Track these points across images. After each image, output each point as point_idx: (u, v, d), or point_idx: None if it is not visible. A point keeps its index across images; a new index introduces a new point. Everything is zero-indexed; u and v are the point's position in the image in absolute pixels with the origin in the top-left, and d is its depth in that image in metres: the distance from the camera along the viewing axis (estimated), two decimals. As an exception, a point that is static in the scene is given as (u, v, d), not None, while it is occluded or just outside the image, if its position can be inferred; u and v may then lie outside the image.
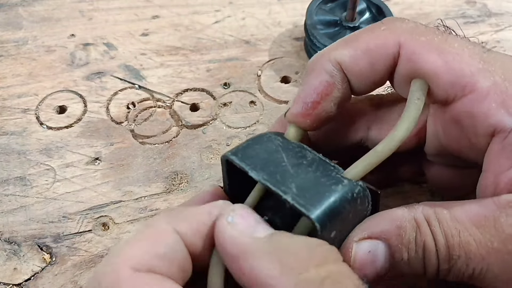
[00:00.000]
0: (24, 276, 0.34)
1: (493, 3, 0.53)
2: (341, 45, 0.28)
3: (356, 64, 0.27)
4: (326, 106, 0.28)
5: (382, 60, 0.27)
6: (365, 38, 0.27)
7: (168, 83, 0.45)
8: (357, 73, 0.28)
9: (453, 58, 0.26)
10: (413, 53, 0.26)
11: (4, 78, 0.45)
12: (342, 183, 0.25)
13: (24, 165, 0.39)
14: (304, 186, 0.24)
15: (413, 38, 0.27)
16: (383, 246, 0.25)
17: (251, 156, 0.26)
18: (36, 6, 0.51)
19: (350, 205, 0.25)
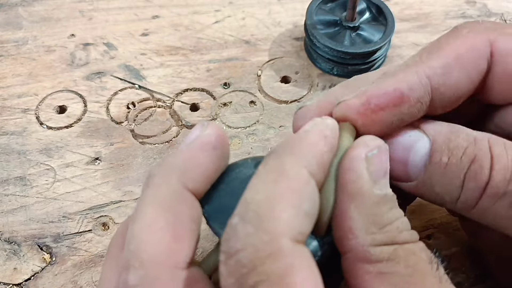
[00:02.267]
0: (24, 276, 0.34)
1: (493, 3, 0.53)
2: (427, 56, 0.24)
3: (449, 75, 0.24)
4: (387, 117, 0.24)
5: (477, 64, 0.24)
6: (453, 45, 0.24)
7: (168, 83, 0.45)
8: (451, 85, 0.24)
9: None
10: (508, 50, 0.24)
11: (4, 78, 0.45)
12: None
13: (24, 165, 0.39)
14: None
15: (502, 34, 0.24)
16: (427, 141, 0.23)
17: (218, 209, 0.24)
18: (36, 6, 0.51)
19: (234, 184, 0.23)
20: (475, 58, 0.24)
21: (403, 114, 0.24)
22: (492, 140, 0.22)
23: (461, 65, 0.24)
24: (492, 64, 0.25)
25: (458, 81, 0.24)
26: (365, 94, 0.24)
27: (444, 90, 0.24)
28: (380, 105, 0.24)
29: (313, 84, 0.45)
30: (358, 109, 0.24)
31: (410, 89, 0.24)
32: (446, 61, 0.24)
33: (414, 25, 0.51)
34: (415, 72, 0.24)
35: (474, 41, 0.24)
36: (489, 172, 0.22)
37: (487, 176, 0.22)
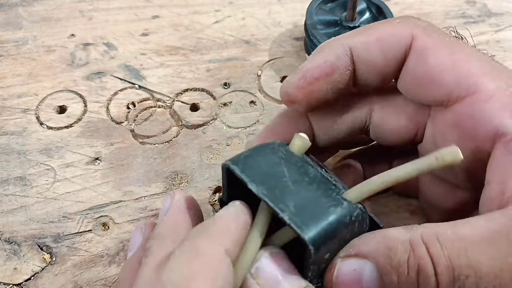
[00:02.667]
0: (24, 276, 0.34)
1: (493, 3, 0.53)
2: (354, 33, 0.28)
3: (368, 50, 0.27)
4: (323, 86, 0.27)
5: (394, 50, 0.27)
6: (379, 28, 0.27)
7: (168, 83, 0.45)
8: (367, 61, 0.27)
9: (462, 58, 0.26)
10: (425, 48, 0.26)
11: (4, 78, 0.45)
12: (341, 205, 0.24)
13: (24, 165, 0.39)
14: (302, 205, 0.24)
15: (426, 33, 0.27)
16: (371, 266, 0.23)
17: (252, 167, 0.25)
18: (36, 6, 0.51)
19: (347, 228, 0.24)
20: (393, 43, 0.27)
21: (335, 81, 0.27)
22: (426, 238, 0.23)
23: (379, 46, 0.27)
24: (407, 57, 0.27)
25: (376, 59, 0.27)
26: (301, 70, 0.28)
27: (363, 64, 0.27)
28: (314, 76, 0.27)
29: (313, 84, 0.45)
30: (297, 83, 0.27)
31: (337, 59, 0.27)
32: (367, 39, 0.27)
33: (414, 25, 0.51)
34: (340, 44, 0.27)
35: (397, 30, 0.27)
36: (435, 278, 0.22)
37: (435, 283, 0.22)
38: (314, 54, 0.28)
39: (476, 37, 0.50)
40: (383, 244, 0.23)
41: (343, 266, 0.24)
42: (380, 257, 0.23)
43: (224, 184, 0.27)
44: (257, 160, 0.26)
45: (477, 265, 0.22)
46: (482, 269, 0.22)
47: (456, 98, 0.26)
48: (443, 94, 0.26)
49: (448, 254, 0.22)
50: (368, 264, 0.23)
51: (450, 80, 0.26)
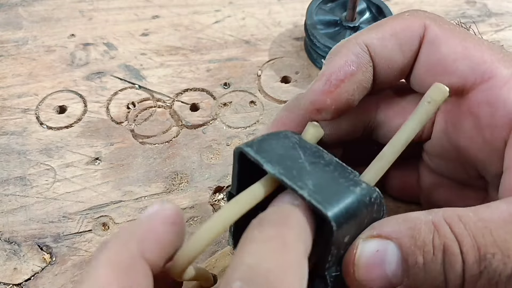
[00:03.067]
0: (24, 276, 0.34)
1: (493, 3, 0.53)
2: (367, 30, 0.27)
3: (385, 46, 0.27)
4: (349, 87, 0.26)
5: (410, 43, 0.27)
6: (391, 23, 0.27)
7: (168, 83, 0.45)
8: (385, 56, 0.27)
9: (473, 46, 0.26)
10: (436, 37, 0.26)
11: (4, 78, 0.45)
12: (360, 185, 0.24)
13: (24, 165, 0.39)
14: (321, 184, 0.23)
15: (437, 23, 0.27)
16: (394, 247, 0.22)
17: (267, 150, 0.24)
18: (36, 6, 0.51)
19: (367, 210, 0.23)
20: (409, 36, 0.27)
21: (360, 80, 0.27)
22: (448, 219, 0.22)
23: (395, 40, 0.27)
24: (420, 48, 0.27)
25: (393, 53, 0.27)
26: (324, 75, 0.27)
27: (380, 60, 0.27)
28: (340, 78, 0.26)
29: (313, 84, 0.45)
30: (323, 89, 0.26)
31: (357, 57, 0.27)
32: (382, 34, 0.27)
33: (414, 25, 0.51)
34: (356, 43, 0.27)
35: (411, 22, 0.27)
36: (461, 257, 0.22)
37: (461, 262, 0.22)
38: (332, 56, 0.27)
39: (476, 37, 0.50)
40: (406, 225, 0.23)
41: (365, 247, 0.23)
42: (404, 237, 0.22)
43: (235, 174, 0.26)
44: (271, 144, 0.25)
45: (503, 243, 0.21)
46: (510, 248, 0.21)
47: (471, 85, 0.25)
48: (458, 82, 0.26)
49: (473, 234, 0.22)
50: (391, 245, 0.22)
51: (464, 67, 0.25)
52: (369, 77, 0.27)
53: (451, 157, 0.28)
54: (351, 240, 0.23)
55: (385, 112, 0.29)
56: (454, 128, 0.27)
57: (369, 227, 0.24)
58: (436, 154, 0.29)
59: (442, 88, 0.23)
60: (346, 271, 0.23)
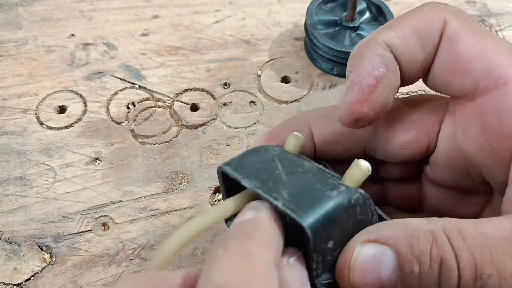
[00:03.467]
0: (24, 276, 0.34)
1: (493, 3, 0.53)
2: (386, 29, 0.26)
3: (407, 44, 0.26)
4: (383, 91, 0.26)
5: (430, 38, 0.26)
6: (410, 19, 0.26)
7: (168, 83, 0.45)
8: (408, 55, 0.26)
9: (491, 47, 0.25)
10: (455, 32, 0.25)
11: (4, 78, 0.45)
12: (338, 188, 0.23)
13: (24, 165, 0.39)
14: (296, 193, 0.23)
15: (458, 17, 0.26)
16: (391, 253, 0.22)
17: (245, 166, 0.25)
18: (36, 6, 0.51)
19: (347, 213, 0.23)
20: (429, 32, 0.26)
21: (391, 80, 0.26)
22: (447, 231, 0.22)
23: (416, 37, 0.26)
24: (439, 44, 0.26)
25: (414, 51, 0.26)
26: (355, 84, 0.26)
27: (403, 58, 0.26)
28: (372, 84, 0.25)
29: (313, 84, 0.45)
30: (358, 99, 0.25)
31: (382, 58, 0.26)
32: (403, 32, 0.26)
33: (414, 25, 0.51)
34: (377, 44, 0.26)
35: (430, 17, 0.26)
36: (458, 273, 0.21)
37: (457, 277, 0.21)
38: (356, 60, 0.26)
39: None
40: (405, 232, 0.22)
41: (362, 251, 0.23)
42: (401, 244, 0.22)
43: (223, 190, 0.27)
44: (250, 159, 0.25)
45: (501, 264, 0.21)
46: (507, 270, 0.21)
47: (484, 89, 0.25)
48: (470, 83, 0.25)
49: (471, 250, 0.21)
50: (388, 251, 0.22)
51: (478, 69, 0.25)
52: (398, 75, 0.26)
53: (457, 164, 0.28)
54: (337, 245, 0.23)
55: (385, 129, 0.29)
56: (462, 132, 0.26)
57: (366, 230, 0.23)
58: (441, 163, 0.29)
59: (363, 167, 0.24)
60: (341, 274, 0.23)
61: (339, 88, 0.45)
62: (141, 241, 0.36)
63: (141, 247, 0.35)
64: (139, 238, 0.36)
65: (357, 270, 0.23)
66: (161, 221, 0.37)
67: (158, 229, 0.36)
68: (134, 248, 0.35)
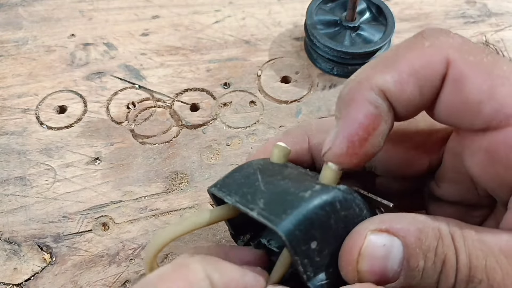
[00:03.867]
0: (24, 276, 0.34)
1: (493, 3, 0.53)
2: (380, 69, 0.24)
3: (403, 90, 0.24)
4: (374, 141, 0.24)
5: (430, 82, 0.24)
6: (408, 58, 0.24)
7: (168, 83, 0.45)
8: (404, 101, 0.24)
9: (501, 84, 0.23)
10: (461, 74, 0.23)
11: (4, 78, 0.45)
12: (312, 188, 0.23)
13: (24, 165, 0.39)
14: (272, 200, 0.23)
15: (462, 56, 0.24)
16: (400, 245, 0.22)
17: (228, 184, 0.26)
18: (36, 6, 0.51)
19: (325, 211, 0.23)
20: (430, 75, 0.24)
21: (383, 130, 0.24)
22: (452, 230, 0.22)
23: (414, 81, 0.24)
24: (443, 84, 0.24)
25: (411, 95, 0.24)
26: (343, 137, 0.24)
27: (398, 103, 0.24)
28: (363, 137, 0.24)
29: (313, 84, 0.45)
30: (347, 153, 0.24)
31: (376, 107, 0.24)
32: (399, 76, 0.24)
33: (414, 25, 0.51)
34: (370, 88, 0.24)
35: (431, 58, 0.24)
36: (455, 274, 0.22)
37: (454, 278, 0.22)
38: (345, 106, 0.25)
39: (476, 37, 0.50)
40: (415, 226, 0.23)
41: (373, 239, 0.23)
42: (411, 237, 0.22)
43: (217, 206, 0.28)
44: (233, 177, 0.26)
45: (491, 272, 0.22)
46: (496, 279, 0.22)
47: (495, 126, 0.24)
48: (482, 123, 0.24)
49: (469, 252, 0.22)
50: (398, 243, 0.22)
51: (488, 110, 0.23)
52: (391, 123, 0.25)
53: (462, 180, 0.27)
54: (323, 244, 0.23)
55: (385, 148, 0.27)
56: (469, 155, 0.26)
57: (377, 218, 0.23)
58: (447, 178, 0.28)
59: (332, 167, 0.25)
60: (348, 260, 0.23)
61: (340, 88, 0.45)
62: (141, 241, 0.36)
63: (141, 247, 0.35)
64: (139, 238, 0.36)
65: (367, 257, 0.23)
66: (161, 221, 0.37)
67: (158, 229, 0.36)
68: (134, 248, 0.35)
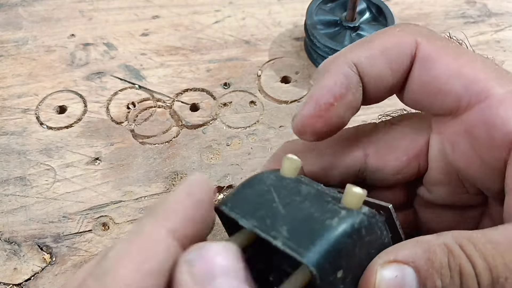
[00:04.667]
0: (24, 276, 0.34)
1: (493, 3, 0.53)
2: (356, 47, 0.26)
3: (374, 64, 0.26)
4: (339, 110, 0.26)
5: (400, 60, 0.26)
6: (381, 39, 0.26)
7: (168, 83, 0.45)
8: (375, 75, 0.26)
9: (467, 64, 0.25)
10: (429, 55, 0.25)
11: (4, 78, 0.45)
12: (338, 215, 0.22)
13: (24, 165, 0.39)
14: (296, 228, 0.22)
15: (429, 40, 0.26)
16: (412, 272, 0.22)
17: (241, 203, 0.24)
18: (36, 6, 0.51)
19: (352, 239, 0.22)
20: (399, 53, 0.26)
21: (351, 102, 0.26)
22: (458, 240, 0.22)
23: (385, 57, 0.26)
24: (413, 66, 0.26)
25: (383, 72, 0.26)
26: (312, 98, 0.26)
27: (369, 79, 0.26)
28: (329, 102, 0.25)
29: (313, 84, 0.45)
30: (312, 114, 0.26)
31: (346, 77, 0.25)
32: (371, 52, 0.26)
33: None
34: (344, 61, 0.26)
35: (402, 38, 0.26)
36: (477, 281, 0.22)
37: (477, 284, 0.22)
38: (320, 75, 0.26)
39: (476, 37, 0.50)
40: (421, 248, 0.22)
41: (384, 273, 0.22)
42: (420, 260, 0.22)
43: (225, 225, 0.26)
44: (245, 194, 0.24)
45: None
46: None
47: (466, 105, 0.25)
48: (452, 102, 0.25)
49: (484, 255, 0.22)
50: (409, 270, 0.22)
51: (458, 87, 0.25)
52: (358, 97, 0.26)
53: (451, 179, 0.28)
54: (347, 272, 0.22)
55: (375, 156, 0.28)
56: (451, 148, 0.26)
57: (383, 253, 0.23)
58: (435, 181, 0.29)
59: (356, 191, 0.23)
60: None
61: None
62: (141, 241, 0.36)
63: (141, 247, 0.35)
64: (139, 238, 0.36)
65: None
66: (161, 221, 0.37)
67: (158, 229, 0.36)
68: (134, 248, 0.35)
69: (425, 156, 0.28)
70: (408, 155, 0.28)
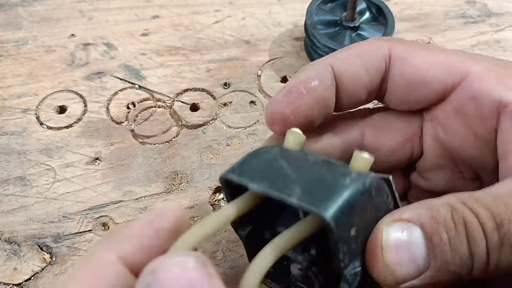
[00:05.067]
0: (24, 276, 0.34)
1: (493, 3, 0.53)
2: (334, 53, 0.29)
3: (349, 64, 0.27)
4: (309, 100, 0.27)
5: (375, 61, 0.27)
6: (357, 46, 0.28)
7: (168, 83, 0.45)
8: (350, 75, 0.27)
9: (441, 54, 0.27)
10: (405, 52, 0.27)
11: (4, 78, 0.45)
12: (350, 175, 0.23)
13: (24, 165, 0.39)
14: (309, 186, 0.22)
15: (401, 43, 0.28)
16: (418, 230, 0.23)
17: (249, 170, 0.24)
18: (36, 6, 0.51)
19: (364, 197, 0.23)
20: (373, 56, 0.27)
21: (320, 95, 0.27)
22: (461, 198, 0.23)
23: (360, 60, 0.27)
24: (389, 68, 0.27)
25: (357, 73, 0.27)
26: (285, 87, 0.28)
27: (345, 79, 0.28)
28: (300, 91, 0.27)
29: (313, 84, 0.45)
30: (283, 99, 0.27)
31: (318, 74, 0.27)
32: (347, 55, 0.28)
33: (414, 25, 0.51)
34: (321, 64, 0.28)
35: (375, 44, 0.28)
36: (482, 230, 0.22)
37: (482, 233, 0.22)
38: (296, 74, 0.28)
39: (476, 37, 0.50)
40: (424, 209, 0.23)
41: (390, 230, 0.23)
42: (424, 218, 0.23)
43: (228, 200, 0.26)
44: (252, 163, 0.25)
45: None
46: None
47: (452, 87, 0.26)
48: (439, 87, 0.27)
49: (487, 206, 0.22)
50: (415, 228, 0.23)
51: (440, 73, 0.26)
52: (330, 95, 0.28)
53: (446, 163, 0.29)
54: (359, 231, 0.23)
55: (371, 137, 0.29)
56: (444, 130, 0.28)
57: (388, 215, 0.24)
58: (430, 166, 0.29)
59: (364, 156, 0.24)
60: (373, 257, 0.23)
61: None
62: (141, 241, 0.36)
63: (141, 247, 0.35)
64: (139, 238, 0.36)
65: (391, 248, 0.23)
66: (161, 221, 0.37)
67: (158, 229, 0.36)
68: (134, 248, 0.35)
69: (419, 140, 0.29)
70: (403, 136, 0.29)
